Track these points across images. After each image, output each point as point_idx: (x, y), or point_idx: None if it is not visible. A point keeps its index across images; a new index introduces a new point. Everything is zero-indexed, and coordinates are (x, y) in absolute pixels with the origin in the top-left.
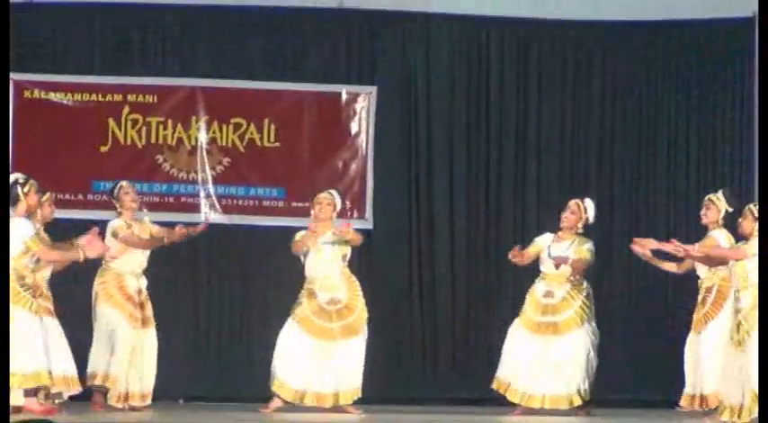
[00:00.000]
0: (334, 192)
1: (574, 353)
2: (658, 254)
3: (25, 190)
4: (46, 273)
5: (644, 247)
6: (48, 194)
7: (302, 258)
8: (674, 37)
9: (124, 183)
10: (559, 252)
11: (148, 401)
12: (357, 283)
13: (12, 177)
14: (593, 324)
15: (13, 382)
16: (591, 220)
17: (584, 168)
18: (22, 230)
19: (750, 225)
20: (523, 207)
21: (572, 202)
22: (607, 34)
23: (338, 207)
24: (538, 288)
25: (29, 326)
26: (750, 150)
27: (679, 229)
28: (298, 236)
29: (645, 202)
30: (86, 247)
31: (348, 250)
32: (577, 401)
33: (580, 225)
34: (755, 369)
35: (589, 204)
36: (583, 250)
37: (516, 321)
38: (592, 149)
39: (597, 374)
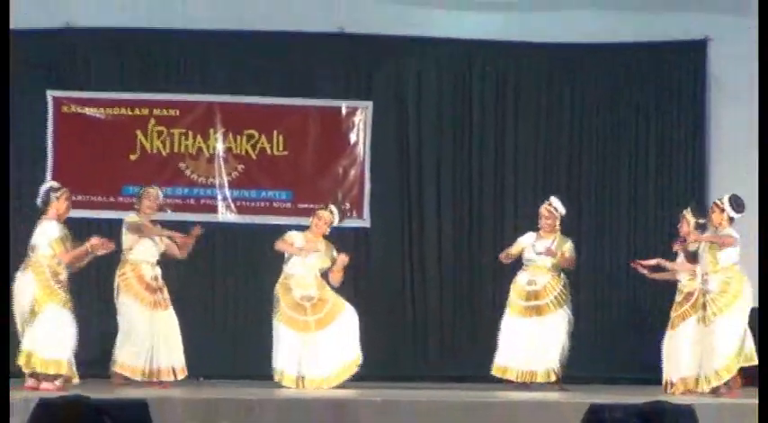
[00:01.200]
0: (335, 209)
1: (554, 333)
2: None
3: (57, 194)
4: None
5: (644, 267)
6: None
7: (285, 255)
8: (634, 58)
9: (149, 189)
10: (543, 249)
11: (182, 375)
12: (326, 284)
13: (47, 184)
14: (569, 310)
15: (39, 364)
16: (563, 213)
17: (555, 180)
18: (49, 232)
19: (718, 216)
20: (502, 215)
21: (543, 209)
22: (575, 54)
23: (335, 223)
24: (520, 278)
25: (64, 320)
26: (702, 159)
27: (639, 234)
28: (287, 237)
29: (609, 210)
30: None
31: (328, 265)
32: (553, 376)
33: (557, 224)
34: (717, 351)
35: (556, 202)
36: (567, 250)
37: (507, 312)
38: (562, 163)
39: (570, 355)
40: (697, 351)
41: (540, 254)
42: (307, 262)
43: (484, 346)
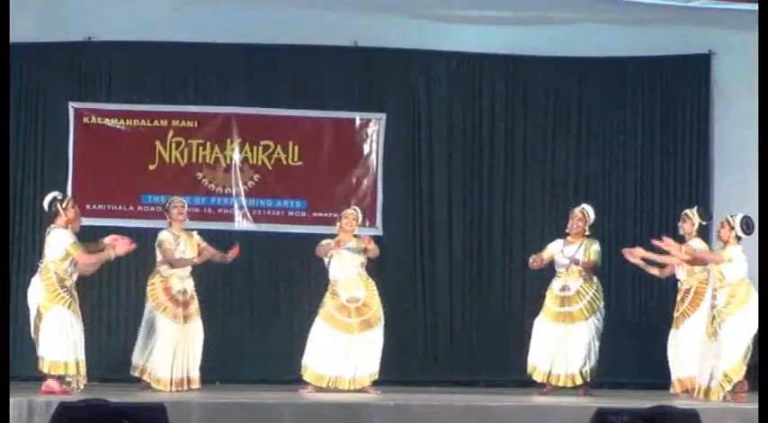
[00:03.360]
0: (357, 208)
1: (582, 340)
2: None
3: (63, 205)
4: (74, 276)
5: (634, 255)
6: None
7: (326, 262)
8: (640, 70)
9: (175, 198)
10: (571, 254)
11: (196, 386)
12: (373, 284)
13: (51, 195)
14: (600, 316)
15: (47, 366)
16: (592, 220)
17: (563, 188)
18: (62, 239)
19: (726, 233)
20: (511, 222)
21: (577, 211)
22: (582, 67)
23: (360, 221)
24: (555, 285)
25: (68, 322)
26: (706, 163)
27: (645, 240)
28: (323, 242)
29: (615, 216)
30: (115, 245)
31: (365, 258)
32: (579, 381)
33: (587, 228)
34: (724, 356)
35: (589, 209)
36: (591, 252)
37: (540, 315)
38: (570, 172)
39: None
40: (704, 361)
41: (567, 264)
42: (345, 262)
43: (494, 351)
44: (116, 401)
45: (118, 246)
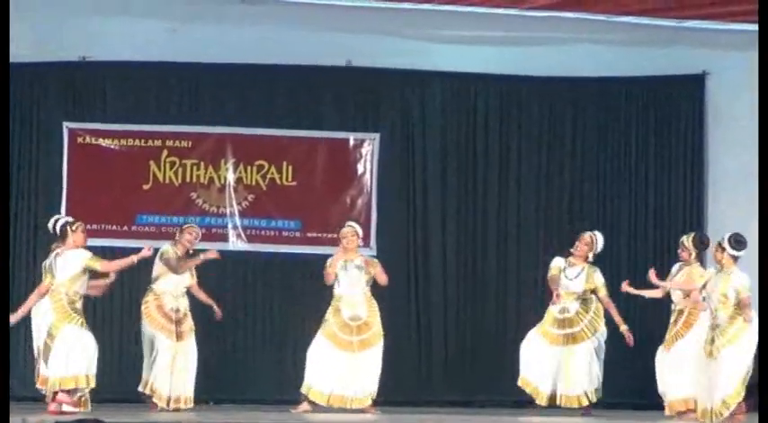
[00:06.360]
0: (355, 224)
1: (583, 360)
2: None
3: (74, 228)
4: (81, 300)
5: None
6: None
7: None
8: (634, 90)
9: (193, 225)
10: (573, 276)
11: (190, 404)
12: (376, 304)
13: (63, 219)
14: (600, 336)
15: (58, 382)
16: (599, 250)
17: (557, 206)
18: (81, 255)
19: (720, 255)
20: (506, 242)
21: (587, 235)
22: (577, 87)
23: (361, 235)
24: (553, 307)
25: (80, 337)
26: (701, 182)
27: (639, 260)
28: (331, 264)
29: (609, 236)
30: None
31: (370, 277)
32: (585, 402)
33: (590, 255)
34: (724, 378)
35: (599, 237)
36: (595, 279)
37: (534, 329)
38: (564, 190)
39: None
40: (702, 381)
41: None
42: (351, 279)
43: (489, 371)
44: (110, 421)
45: (140, 253)
